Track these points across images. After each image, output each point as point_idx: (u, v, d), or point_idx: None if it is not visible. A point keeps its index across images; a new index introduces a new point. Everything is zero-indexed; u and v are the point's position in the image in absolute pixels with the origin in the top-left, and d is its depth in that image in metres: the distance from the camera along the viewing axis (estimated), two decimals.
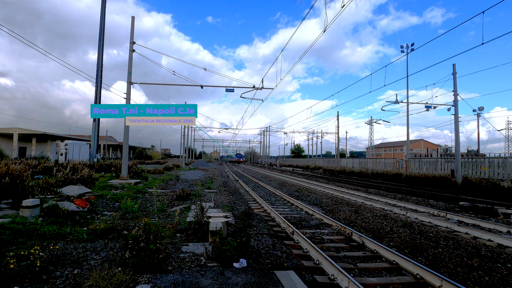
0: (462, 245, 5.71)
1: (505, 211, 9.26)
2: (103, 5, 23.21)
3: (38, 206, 6.63)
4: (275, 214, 8.01)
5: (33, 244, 4.74)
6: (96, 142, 24.44)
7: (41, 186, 8.89)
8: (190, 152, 71.30)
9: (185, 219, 7.07)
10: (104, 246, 4.91)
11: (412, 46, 26.12)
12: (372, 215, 8.66)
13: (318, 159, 50.61)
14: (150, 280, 3.53)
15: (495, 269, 4.51)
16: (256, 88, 18.35)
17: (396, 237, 6.22)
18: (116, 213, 7.73)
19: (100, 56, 23.78)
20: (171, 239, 5.40)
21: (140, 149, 77.11)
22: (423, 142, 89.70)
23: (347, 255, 5.09)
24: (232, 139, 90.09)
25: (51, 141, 45.96)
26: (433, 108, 23.92)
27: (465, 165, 18.81)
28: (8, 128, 38.20)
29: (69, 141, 30.61)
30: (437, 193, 14.07)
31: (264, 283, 3.60)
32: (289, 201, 11.20)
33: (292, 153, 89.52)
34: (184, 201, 10.29)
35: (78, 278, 3.62)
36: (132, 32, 16.45)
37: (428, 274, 3.94)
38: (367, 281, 3.98)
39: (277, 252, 5.00)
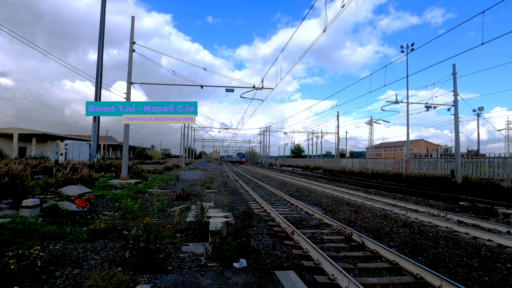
0: (462, 245, 5.71)
1: (505, 211, 9.25)
2: (103, 5, 23.21)
3: (38, 206, 6.63)
4: (275, 214, 8.01)
5: (33, 244, 4.74)
6: (96, 142, 24.44)
7: (41, 186, 8.89)
8: (190, 152, 71.31)
9: (185, 219, 7.07)
10: (104, 246, 4.91)
11: (412, 46, 26.13)
12: (372, 215, 8.66)
13: (318, 159, 50.61)
14: (150, 280, 3.53)
15: (495, 269, 4.51)
16: (256, 88, 18.34)
17: (396, 237, 6.22)
18: (116, 213, 7.73)
19: (100, 56, 23.78)
20: (171, 239, 5.40)
21: (140, 149, 77.09)
22: (423, 142, 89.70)
23: (347, 255, 5.09)
24: (232, 139, 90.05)
25: (51, 141, 45.95)
26: (433, 108, 23.92)
27: (465, 165, 18.81)
28: (8, 128, 38.19)
29: (69, 141, 30.61)
30: (437, 193, 14.06)
31: (264, 283, 3.60)
32: (289, 201, 11.20)
33: (292, 153, 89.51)
34: (184, 201, 10.29)
35: (78, 278, 3.62)
36: (132, 32, 16.45)
37: (428, 274, 3.94)
38: (367, 281, 3.98)
39: (277, 252, 5.00)
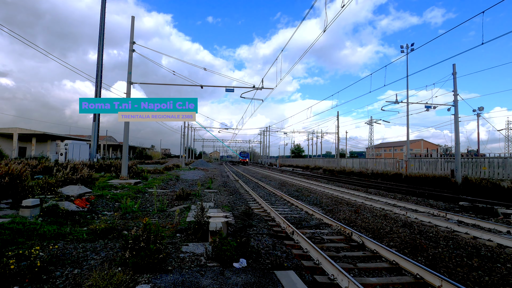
0: (462, 245, 5.71)
1: (505, 211, 9.26)
2: (103, 5, 23.22)
3: (38, 206, 6.63)
4: (275, 214, 8.01)
5: (33, 244, 4.74)
6: (96, 142, 24.45)
7: (41, 186, 8.89)
8: (190, 152, 71.32)
9: (185, 219, 7.07)
10: (104, 246, 4.91)
11: (412, 46, 26.13)
12: (372, 215, 8.66)
13: (318, 159, 50.61)
14: (150, 280, 3.53)
15: (495, 269, 4.51)
16: (256, 88, 18.35)
17: (396, 237, 6.22)
18: (116, 213, 7.72)
19: (100, 56, 23.79)
20: (171, 239, 5.40)
21: (140, 149, 77.12)
22: (423, 142, 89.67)
23: (347, 255, 5.09)
24: (232, 139, 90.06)
25: (51, 141, 45.94)
26: (433, 108, 23.92)
27: (465, 165, 18.81)
28: (8, 128, 38.20)
29: (69, 141, 30.62)
30: (437, 193, 14.06)
31: (264, 283, 3.60)
32: (289, 201, 11.20)
33: (292, 153, 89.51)
34: (184, 201, 10.29)
35: (78, 278, 3.62)
36: (132, 32, 16.45)
37: (428, 274, 3.94)
38: (367, 281, 3.98)
39: (277, 252, 5.00)
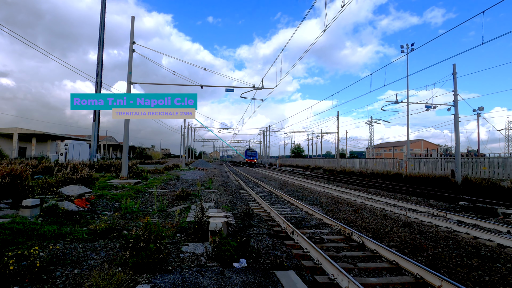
0: (462, 245, 5.71)
1: (505, 211, 9.25)
2: (103, 5, 23.21)
3: (38, 206, 6.63)
4: (275, 214, 8.01)
5: (33, 244, 4.74)
6: (96, 142, 24.45)
7: (41, 186, 8.89)
8: (190, 152, 71.31)
9: (185, 219, 7.07)
10: (104, 246, 4.91)
11: (412, 46, 26.13)
12: (372, 215, 8.66)
13: (318, 159, 50.59)
14: (150, 280, 3.53)
15: (495, 269, 4.51)
16: (256, 88, 18.34)
17: (396, 237, 6.22)
18: (116, 213, 7.72)
19: (100, 56, 23.77)
20: (171, 239, 5.40)
21: (140, 149, 77.08)
22: (423, 142, 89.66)
23: (347, 255, 5.09)
24: (232, 139, 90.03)
25: (51, 141, 45.96)
26: (433, 108, 23.91)
27: (465, 165, 18.80)
28: (8, 128, 38.22)
29: (69, 141, 30.60)
30: (437, 193, 14.06)
31: (264, 283, 3.60)
32: (289, 201, 11.20)
33: (292, 153, 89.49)
34: (184, 201, 10.29)
35: (78, 278, 3.62)
36: (132, 32, 16.44)
37: (428, 274, 3.94)
38: (367, 281, 3.98)
39: (277, 252, 5.00)
